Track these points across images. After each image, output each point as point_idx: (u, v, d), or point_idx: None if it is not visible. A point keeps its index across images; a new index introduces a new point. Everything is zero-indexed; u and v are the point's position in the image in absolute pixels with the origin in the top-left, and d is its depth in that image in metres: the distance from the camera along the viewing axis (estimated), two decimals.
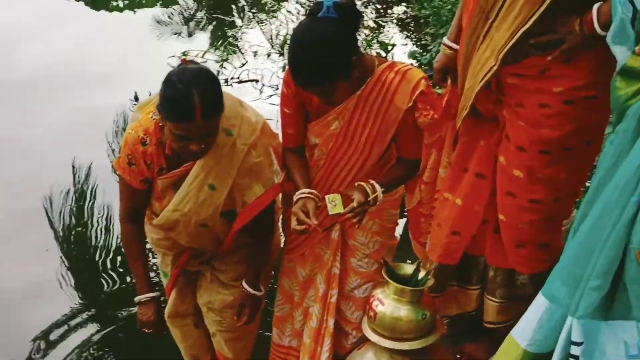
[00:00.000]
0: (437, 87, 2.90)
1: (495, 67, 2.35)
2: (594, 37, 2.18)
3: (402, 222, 3.48)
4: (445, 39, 2.69)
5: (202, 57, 6.76)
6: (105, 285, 4.52)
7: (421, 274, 2.59)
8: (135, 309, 3.13)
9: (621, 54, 1.93)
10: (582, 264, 1.91)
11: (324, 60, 2.50)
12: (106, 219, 5.01)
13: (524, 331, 2.10)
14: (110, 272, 4.59)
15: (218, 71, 6.50)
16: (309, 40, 2.52)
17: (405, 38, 7.23)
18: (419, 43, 6.90)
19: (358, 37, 2.61)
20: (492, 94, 2.47)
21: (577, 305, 1.90)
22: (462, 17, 2.55)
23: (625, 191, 1.81)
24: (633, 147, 1.85)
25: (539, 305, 2.06)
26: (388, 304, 2.52)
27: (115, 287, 4.49)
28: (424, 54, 6.36)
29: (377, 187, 2.69)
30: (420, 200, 2.91)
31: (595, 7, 2.18)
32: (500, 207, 2.58)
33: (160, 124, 2.65)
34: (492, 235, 2.68)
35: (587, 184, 2.41)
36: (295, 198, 2.71)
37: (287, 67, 2.76)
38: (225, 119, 2.64)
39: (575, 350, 1.94)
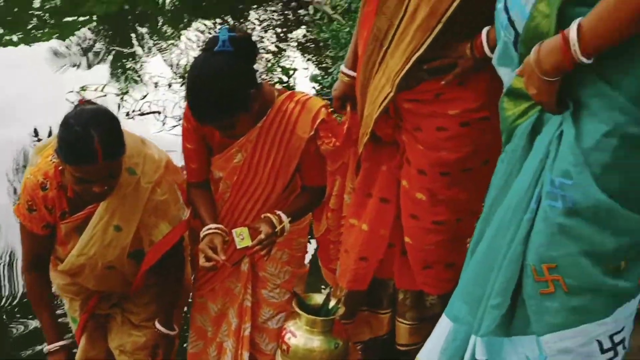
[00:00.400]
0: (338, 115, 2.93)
1: (391, 94, 2.39)
2: (485, 59, 2.24)
3: (312, 248, 3.48)
4: (342, 67, 2.72)
5: (102, 90, 6.65)
6: (15, 331, 4.36)
7: (332, 303, 2.60)
8: (40, 347, 3.03)
9: (506, 75, 1.98)
10: (482, 282, 1.95)
11: (221, 95, 2.49)
12: (9, 264, 4.84)
13: (431, 352, 2.12)
14: (18, 318, 4.44)
15: (119, 104, 6.40)
16: (205, 76, 2.51)
17: (307, 61, 7.28)
18: (320, 66, 6.96)
19: (257, 67, 2.62)
20: (391, 120, 2.51)
21: (479, 324, 1.94)
22: (358, 44, 2.59)
23: (518, 210, 1.86)
24: (523, 166, 1.90)
25: (443, 326, 2.09)
26: (300, 335, 2.52)
27: (25, 331, 4.34)
28: (326, 77, 6.42)
29: (284, 217, 2.69)
30: (328, 227, 2.92)
31: (484, 31, 2.25)
32: (406, 230, 2.61)
33: (60, 167, 2.59)
34: (400, 258, 2.71)
35: None
36: (202, 234, 2.69)
37: None
38: (128, 158, 2.60)
39: None
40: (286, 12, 8.46)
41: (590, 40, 1.64)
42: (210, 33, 8.39)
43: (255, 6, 8.81)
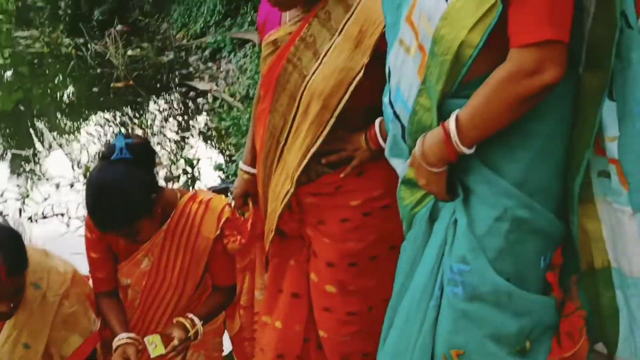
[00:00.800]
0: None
1: (292, 190, 2.43)
2: (381, 149, 2.31)
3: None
4: (241, 164, 2.76)
5: (1, 196, 6.49)
6: None
7: None
8: None
9: (399, 166, 2.05)
10: None
11: (122, 204, 2.49)
12: None
13: None
14: None
15: (20, 209, 6.26)
16: (104, 185, 2.51)
17: (210, 149, 7.31)
18: (223, 154, 7.00)
19: (161, 160, 2.63)
20: (295, 214, 2.55)
21: None
22: (255, 141, 2.63)
23: (424, 297, 1.90)
24: (424, 253, 1.96)
25: None
26: None
27: None
28: (230, 164, 6.45)
29: (197, 320, 2.67)
30: (242, 325, 2.91)
31: (377, 122, 2.32)
32: (320, 324, 2.61)
33: None
34: (316, 352, 2.71)
35: None
36: (114, 345, 2.64)
37: None
38: (32, 272, 2.56)
39: None
40: (186, 101, 8.51)
41: (469, 132, 1.72)
42: (110, 126, 8.35)
43: (154, 96, 8.83)
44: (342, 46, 2.26)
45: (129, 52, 9.50)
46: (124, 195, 2.49)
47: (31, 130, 8.26)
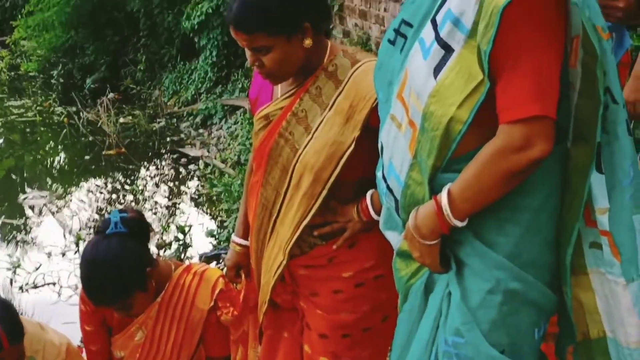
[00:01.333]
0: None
1: (284, 262, 2.44)
2: (373, 220, 2.33)
3: None
4: (234, 236, 2.77)
5: None
6: None
7: None
8: None
9: (394, 238, 2.07)
10: None
11: (116, 278, 2.50)
12: None
13: None
14: None
15: (11, 279, 6.23)
16: (99, 260, 2.52)
17: (201, 215, 7.31)
18: (215, 220, 7.00)
19: (152, 227, 2.64)
20: (288, 286, 2.55)
21: None
22: (247, 213, 2.65)
23: None
24: (420, 324, 1.96)
25: None
26: None
27: None
28: (221, 230, 6.45)
29: None
30: None
31: (369, 194, 2.35)
32: None
33: None
34: None
35: None
36: None
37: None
38: (28, 345, 2.57)
39: None
40: (177, 167, 8.55)
41: (461, 205, 1.75)
42: (101, 193, 8.36)
43: (145, 163, 8.87)
44: (333, 120, 2.30)
45: (121, 120, 9.55)
46: (118, 270, 2.50)
47: (23, 199, 8.25)
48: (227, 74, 9.38)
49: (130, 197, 7.90)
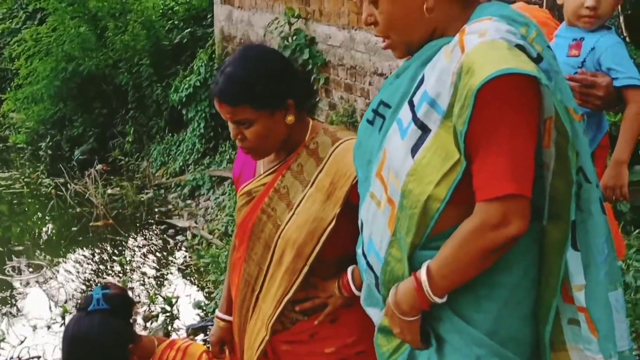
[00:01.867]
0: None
1: (267, 338, 2.45)
2: (354, 297, 2.34)
3: None
4: (218, 312, 2.77)
5: None
6: None
7: None
8: None
9: (375, 315, 2.07)
10: None
11: (98, 356, 2.49)
12: None
13: None
14: None
15: None
16: (80, 337, 2.51)
17: (189, 286, 7.29)
18: (202, 291, 6.98)
19: (139, 300, 2.64)
20: None
21: None
22: (230, 289, 2.66)
23: None
24: None
25: None
26: None
27: None
28: (209, 302, 6.43)
29: None
30: None
31: (350, 270, 2.37)
32: None
33: None
34: None
35: None
36: None
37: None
38: None
39: None
40: (165, 237, 8.54)
41: (439, 281, 1.77)
42: (89, 264, 8.33)
43: (133, 234, 8.86)
44: (314, 197, 2.34)
45: (109, 191, 9.58)
46: (100, 348, 2.49)
47: (9, 270, 8.20)
48: (215, 145, 9.47)
49: (118, 268, 7.88)
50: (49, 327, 6.63)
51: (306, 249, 2.35)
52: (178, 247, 8.18)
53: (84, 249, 8.73)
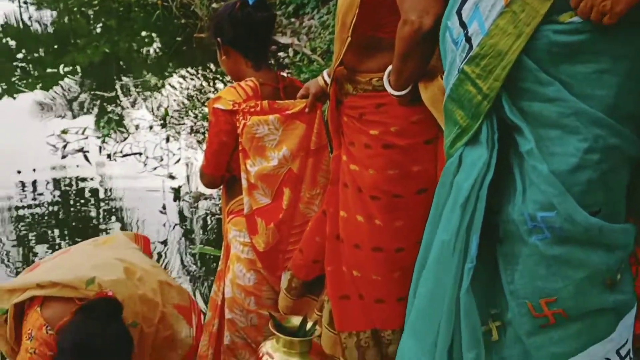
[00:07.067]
0: None
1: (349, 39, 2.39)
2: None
3: None
4: (324, 73, 2.72)
5: (83, 133, 6.67)
6: None
7: (309, 325, 2.59)
8: None
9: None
10: (432, 326, 1.88)
11: None
12: None
13: None
14: None
15: (100, 147, 6.42)
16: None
17: None
18: None
19: None
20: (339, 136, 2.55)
21: None
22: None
23: (453, 253, 1.80)
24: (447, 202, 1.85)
25: None
26: (278, 357, 2.50)
27: None
28: None
29: None
30: (280, 239, 2.86)
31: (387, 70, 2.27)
32: (352, 263, 2.54)
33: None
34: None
35: None
36: None
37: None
38: (128, 314, 2.46)
39: None
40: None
41: None
42: (192, 79, 8.46)
43: None
44: None
45: (214, 5, 9.57)
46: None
47: (116, 86, 8.40)
48: None
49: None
50: (150, 127, 6.86)
51: (348, 18, 2.31)
52: (279, 64, 8.17)
53: (188, 62, 8.84)
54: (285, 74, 2.97)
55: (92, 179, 6.01)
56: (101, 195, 5.83)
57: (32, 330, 2.44)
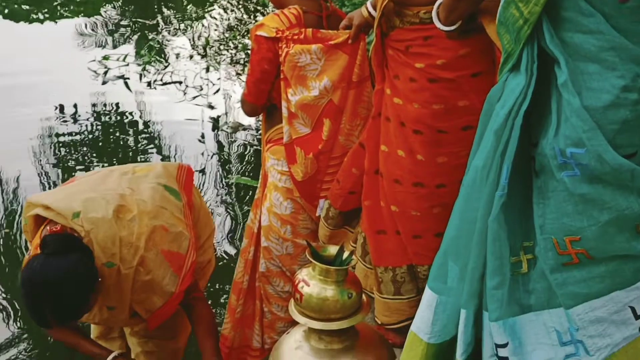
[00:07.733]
0: None
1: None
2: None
3: None
4: (367, 3, 2.65)
5: (124, 60, 6.68)
6: None
7: (345, 254, 2.59)
8: None
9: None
10: (463, 251, 1.87)
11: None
12: None
13: (423, 325, 1.99)
14: None
15: (140, 74, 6.44)
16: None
17: None
18: None
19: None
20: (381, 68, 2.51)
21: (485, 306, 1.83)
22: None
23: (484, 181, 1.78)
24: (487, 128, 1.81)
25: (430, 298, 1.98)
26: (314, 285, 2.50)
27: None
28: None
29: None
30: (318, 169, 2.85)
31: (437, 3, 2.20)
32: (391, 198, 2.54)
33: None
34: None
35: None
36: None
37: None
38: (102, 253, 2.46)
39: (502, 352, 1.84)
40: None
41: None
42: (233, 11, 8.40)
43: None
44: None
45: None
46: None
47: (158, 16, 8.36)
48: None
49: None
50: (191, 57, 6.85)
51: None
52: None
53: None
54: (328, 3, 2.91)
55: (131, 106, 6.04)
56: (140, 123, 5.87)
57: (33, 247, 2.53)
